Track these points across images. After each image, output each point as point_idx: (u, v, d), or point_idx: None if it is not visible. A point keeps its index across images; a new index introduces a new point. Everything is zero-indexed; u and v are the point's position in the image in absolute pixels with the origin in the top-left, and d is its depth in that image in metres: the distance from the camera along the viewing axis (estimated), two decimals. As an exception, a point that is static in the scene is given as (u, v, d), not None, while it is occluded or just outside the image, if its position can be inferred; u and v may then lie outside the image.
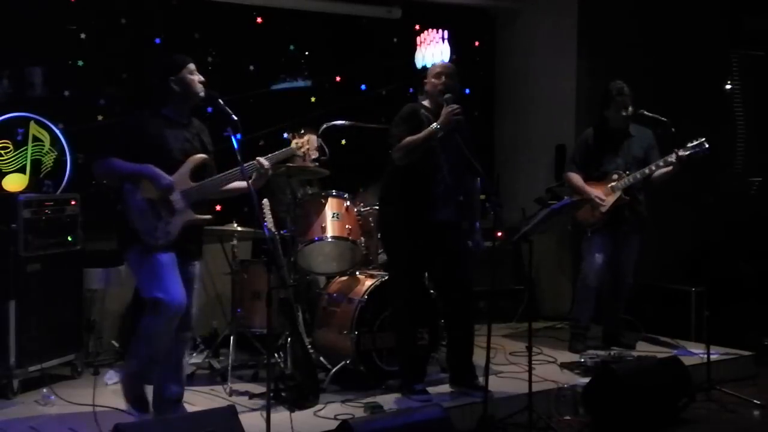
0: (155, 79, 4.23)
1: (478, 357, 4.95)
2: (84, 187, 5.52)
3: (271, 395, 4.13)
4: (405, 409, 4.53)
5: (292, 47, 6.91)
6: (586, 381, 4.88)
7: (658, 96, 6.70)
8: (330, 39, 7.07)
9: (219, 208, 5.97)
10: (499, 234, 5.67)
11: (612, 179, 5.85)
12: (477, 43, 8.02)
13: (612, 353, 5.75)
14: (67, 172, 5.58)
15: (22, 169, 5.43)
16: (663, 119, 5.70)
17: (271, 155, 4.32)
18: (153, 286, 4.03)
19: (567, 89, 7.39)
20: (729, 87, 7.99)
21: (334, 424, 4.08)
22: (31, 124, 5.48)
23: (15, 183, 5.39)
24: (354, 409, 4.59)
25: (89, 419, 4.33)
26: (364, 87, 7.23)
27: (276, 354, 4.99)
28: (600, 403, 4.65)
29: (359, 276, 5.33)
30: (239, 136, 4.04)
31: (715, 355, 5.42)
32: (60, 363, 5.18)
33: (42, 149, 5.52)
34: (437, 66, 5.01)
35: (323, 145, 5.64)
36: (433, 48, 7.18)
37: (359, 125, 5.93)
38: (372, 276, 5.28)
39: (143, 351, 4.13)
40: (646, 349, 5.95)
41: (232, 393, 4.92)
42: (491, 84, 8.12)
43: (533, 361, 4.58)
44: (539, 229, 4.77)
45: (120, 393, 4.50)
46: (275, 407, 4.44)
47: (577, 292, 6.17)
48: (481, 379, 4.69)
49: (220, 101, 4.10)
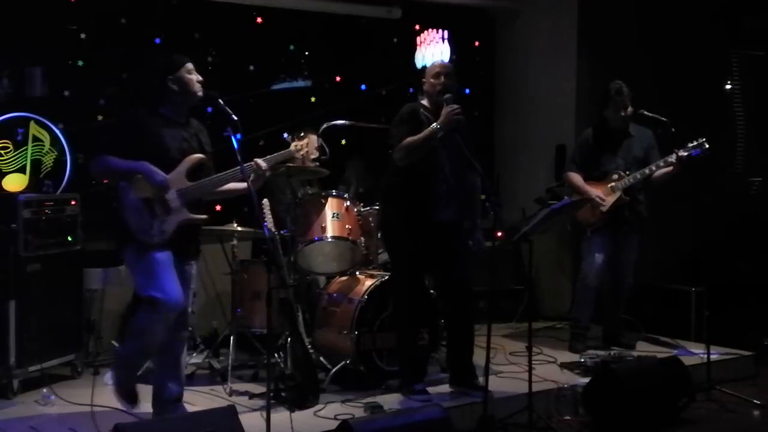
0: (153, 78, 4.23)
1: (478, 357, 4.95)
2: (84, 187, 5.52)
3: (271, 395, 4.13)
4: (405, 409, 4.53)
5: (292, 47, 6.91)
6: (586, 381, 4.88)
7: (658, 96, 6.70)
8: (330, 39, 7.07)
9: (219, 208, 5.99)
10: (499, 234, 5.65)
11: (612, 179, 5.85)
12: (477, 43, 8.02)
13: (612, 353, 5.74)
14: (67, 172, 5.58)
15: (22, 169, 5.43)
16: (663, 119, 5.70)
17: (270, 157, 4.32)
18: (149, 284, 4.02)
19: (567, 89, 7.39)
20: (729, 87, 7.98)
21: (334, 424, 4.08)
22: (31, 124, 5.47)
23: (15, 183, 5.39)
24: (354, 409, 4.59)
25: (89, 419, 4.33)
26: (364, 87, 7.23)
27: (276, 354, 4.99)
28: (600, 403, 4.65)
29: (359, 276, 5.33)
30: (239, 136, 4.04)
31: (715, 355, 5.41)
32: (60, 363, 5.18)
33: (42, 149, 5.51)
34: (436, 66, 4.98)
35: (323, 145, 5.65)
36: (433, 48, 7.16)
37: (359, 125, 5.93)
38: (372, 276, 5.28)
39: (136, 344, 4.14)
40: (646, 349, 5.94)
41: (232, 393, 4.92)
42: (491, 84, 8.12)
43: (533, 361, 4.58)
44: (539, 229, 4.77)
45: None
46: (275, 407, 4.44)
47: (577, 292, 6.17)
48: (481, 379, 4.69)
49: (219, 101, 4.09)
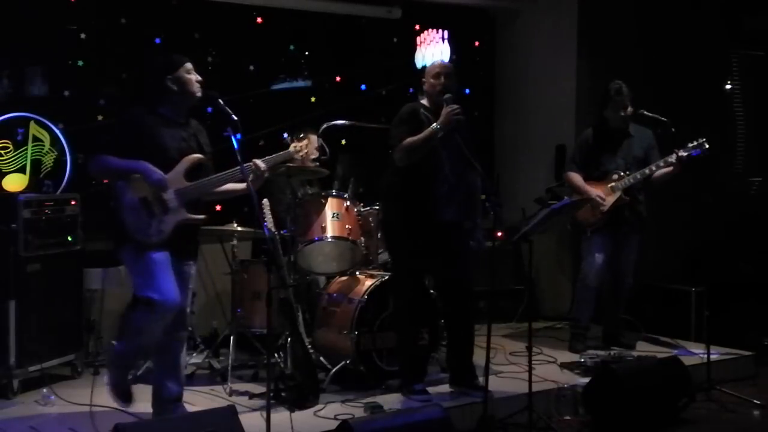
0: (152, 78, 4.23)
1: (478, 357, 4.94)
2: (84, 187, 5.52)
3: (271, 395, 4.13)
4: (405, 409, 4.53)
5: (292, 47, 6.91)
6: (586, 381, 4.88)
7: (658, 96, 6.70)
8: (330, 39, 7.07)
9: (219, 208, 5.99)
10: (499, 234, 5.66)
11: (612, 179, 5.85)
12: (477, 43, 8.02)
13: (612, 353, 5.74)
14: (67, 172, 5.58)
15: (22, 169, 5.43)
16: (663, 119, 5.70)
17: (268, 158, 4.31)
18: (146, 285, 4.02)
19: (567, 89, 7.38)
20: (729, 87, 7.98)
21: (334, 424, 4.08)
22: (31, 124, 5.48)
23: (15, 183, 5.39)
24: (354, 409, 4.59)
25: (89, 419, 4.33)
26: (364, 87, 7.23)
27: (276, 354, 4.99)
28: (600, 403, 4.65)
29: (359, 276, 5.33)
30: (239, 136, 4.04)
31: (715, 355, 5.41)
32: (60, 363, 5.17)
33: (42, 149, 5.51)
34: (436, 66, 4.97)
35: (323, 145, 5.65)
36: (433, 48, 7.16)
37: (359, 125, 5.93)
38: (372, 276, 5.28)
39: (131, 343, 4.15)
40: (646, 349, 5.94)
41: (232, 393, 4.92)
42: (491, 84, 8.12)
43: (533, 361, 4.58)
44: (539, 229, 4.77)
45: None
46: (275, 407, 4.43)
47: (577, 292, 6.16)
48: (481, 379, 4.69)
49: (219, 101, 4.09)
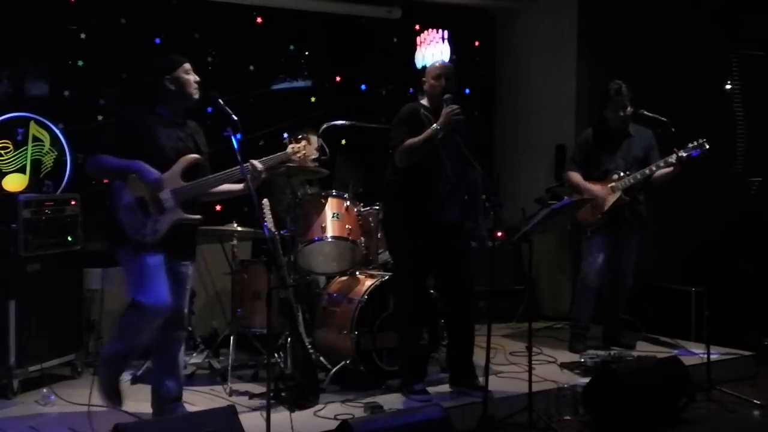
0: (150, 77, 4.23)
1: (478, 357, 4.94)
2: (84, 187, 5.52)
3: (271, 395, 4.13)
4: (405, 409, 4.53)
5: (292, 47, 6.91)
6: (586, 381, 4.88)
7: (658, 96, 6.70)
8: (330, 39, 7.07)
9: (219, 208, 5.99)
10: (499, 234, 5.66)
11: (612, 179, 5.85)
12: (477, 43, 8.02)
13: (612, 353, 5.74)
14: (67, 172, 5.58)
15: (22, 169, 5.43)
16: (663, 119, 5.70)
17: (265, 159, 4.31)
18: (137, 288, 4.04)
19: (567, 89, 7.38)
20: (729, 87, 7.98)
21: (334, 424, 4.08)
22: (31, 124, 5.47)
23: (15, 183, 5.39)
24: (354, 409, 4.59)
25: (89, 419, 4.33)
26: (364, 87, 7.23)
27: (276, 354, 4.99)
28: (600, 403, 4.65)
29: (359, 276, 5.33)
30: (239, 136, 4.04)
31: (715, 355, 5.41)
32: (60, 363, 5.17)
33: (42, 149, 5.51)
34: (436, 67, 4.95)
35: (323, 145, 5.65)
36: (433, 48, 7.17)
37: (359, 125, 5.93)
38: (372, 276, 5.28)
39: (121, 344, 4.16)
40: (646, 349, 5.94)
41: (232, 393, 4.91)
42: (491, 84, 8.12)
43: (533, 361, 4.59)
44: (539, 229, 4.77)
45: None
46: (275, 407, 4.43)
47: (577, 292, 6.16)
48: (481, 379, 4.69)
49: (219, 101, 4.09)
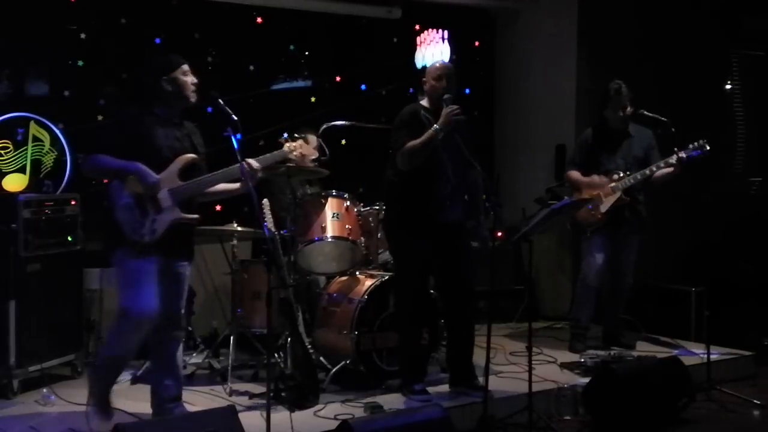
0: (148, 78, 4.22)
1: (478, 357, 4.94)
2: (84, 187, 5.52)
3: (271, 395, 4.13)
4: (405, 409, 4.54)
5: (292, 47, 6.91)
6: (586, 381, 4.88)
7: (658, 96, 6.70)
8: (330, 39, 7.07)
9: (219, 208, 5.99)
10: (499, 234, 5.66)
11: (612, 179, 5.84)
12: (477, 43, 8.02)
13: (612, 353, 5.74)
14: (67, 172, 5.58)
15: (22, 169, 5.43)
16: (663, 119, 5.70)
17: (261, 157, 4.31)
18: (125, 294, 4.05)
19: (567, 89, 7.38)
20: (729, 87, 7.98)
21: (334, 424, 4.08)
22: (31, 124, 5.47)
23: (15, 183, 5.39)
24: (354, 409, 4.59)
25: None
26: (364, 87, 7.23)
27: (276, 354, 4.99)
28: (600, 403, 4.65)
29: (359, 276, 5.33)
30: (239, 136, 4.04)
31: (715, 355, 5.41)
32: (60, 363, 5.17)
33: (42, 149, 5.51)
34: (437, 68, 4.93)
35: (323, 145, 5.65)
36: (433, 48, 7.17)
37: (359, 125, 5.93)
38: (372, 276, 5.28)
39: (107, 352, 4.20)
40: (646, 349, 5.94)
41: (232, 393, 4.91)
42: (491, 84, 8.12)
43: (533, 361, 4.58)
44: (539, 229, 4.77)
45: (119, 393, 4.53)
46: (275, 407, 4.44)
47: (577, 292, 6.16)
48: (481, 379, 4.69)
49: (219, 101, 4.09)
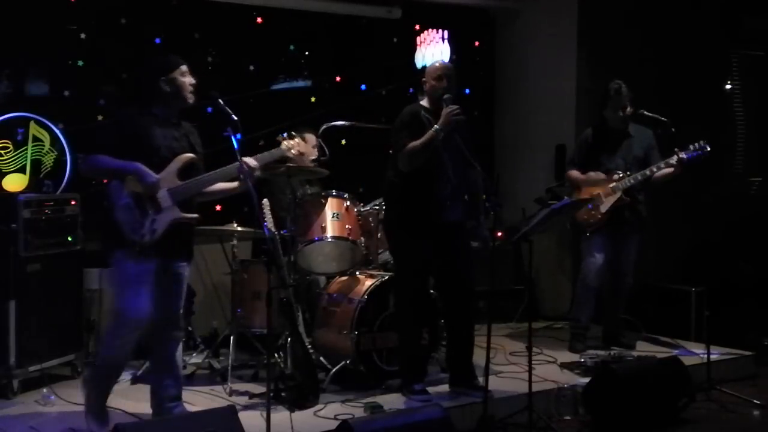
0: (146, 78, 4.22)
1: (478, 357, 4.94)
2: (84, 187, 5.51)
3: (271, 395, 4.13)
4: (405, 409, 4.54)
5: (292, 47, 6.91)
6: (586, 381, 4.88)
7: (658, 96, 6.70)
8: (330, 39, 7.07)
9: (219, 208, 5.99)
10: (499, 234, 5.65)
11: (613, 179, 5.84)
12: (477, 43, 8.02)
13: (612, 353, 5.74)
14: (67, 172, 5.57)
15: (22, 169, 5.43)
16: (663, 119, 5.70)
17: (259, 156, 4.31)
18: (121, 295, 4.07)
19: (567, 89, 7.38)
20: (729, 87, 7.98)
21: (334, 424, 4.08)
22: (31, 124, 5.47)
23: (15, 183, 5.39)
24: (354, 409, 4.59)
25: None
26: (364, 87, 7.23)
27: (276, 354, 4.99)
28: (600, 403, 4.65)
29: (359, 276, 5.33)
30: (239, 136, 4.04)
31: (715, 355, 5.41)
32: (60, 363, 5.17)
33: (42, 149, 5.51)
34: (438, 68, 4.93)
35: (323, 145, 5.65)
36: (433, 48, 7.17)
37: (359, 125, 5.93)
38: (372, 276, 5.28)
39: (100, 359, 4.22)
40: (646, 349, 5.94)
41: (232, 393, 4.91)
42: (491, 84, 8.12)
43: (533, 361, 4.59)
44: (539, 229, 4.77)
45: (118, 393, 4.54)
46: (275, 407, 4.44)
47: (577, 292, 6.16)
48: (481, 379, 4.69)
49: (220, 101, 4.09)
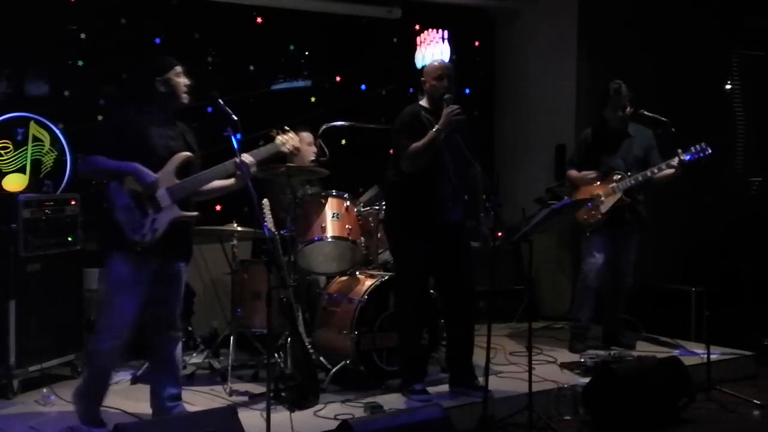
0: (142, 78, 4.23)
1: (478, 357, 4.94)
2: (84, 187, 5.51)
3: (271, 395, 4.13)
4: (405, 409, 4.54)
5: (292, 47, 6.91)
6: (586, 381, 4.88)
7: (658, 96, 6.70)
8: (330, 39, 7.07)
9: (219, 208, 5.99)
10: (499, 234, 5.65)
11: (613, 179, 5.84)
12: (477, 43, 8.02)
13: (612, 353, 5.74)
14: (67, 172, 5.57)
15: (22, 169, 5.43)
16: (663, 119, 5.69)
17: (255, 151, 4.32)
18: (107, 297, 4.09)
19: (567, 89, 7.38)
20: (729, 87, 7.98)
21: (334, 424, 4.08)
22: (31, 124, 5.47)
23: (15, 183, 5.38)
24: (354, 409, 4.59)
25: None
26: (364, 87, 7.23)
27: (276, 354, 4.99)
28: (600, 403, 4.65)
29: (359, 276, 5.33)
30: (239, 136, 4.04)
31: (715, 355, 5.41)
32: (60, 363, 5.16)
33: (42, 149, 5.51)
34: (437, 67, 4.93)
35: (323, 145, 5.65)
36: (433, 48, 7.17)
37: (359, 125, 5.93)
38: (372, 276, 5.28)
39: (89, 370, 4.24)
40: (646, 349, 5.94)
41: (232, 393, 4.91)
42: (491, 84, 8.12)
43: (533, 361, 4.59)
44: (539, 229, 4.77)
45: (118, 393, 4.55)
46: (275, 407, 4.44)
47: (577, 292, 6.16)
48: (481, 379, 4.69)
49: (220, 101, 4.09)
